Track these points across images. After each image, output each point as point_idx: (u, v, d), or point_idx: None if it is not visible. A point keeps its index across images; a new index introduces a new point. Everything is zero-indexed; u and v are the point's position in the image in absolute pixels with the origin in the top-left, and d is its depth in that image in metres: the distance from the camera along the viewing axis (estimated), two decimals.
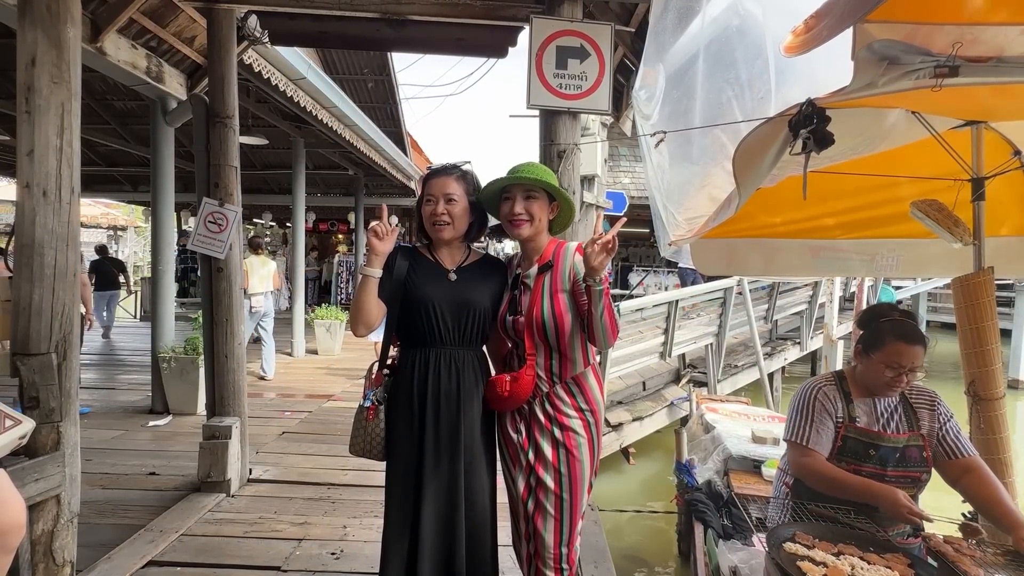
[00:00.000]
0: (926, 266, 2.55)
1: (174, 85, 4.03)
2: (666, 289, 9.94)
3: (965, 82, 1.02)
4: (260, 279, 5.45)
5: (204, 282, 3.06)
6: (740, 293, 6.12)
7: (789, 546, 1.43)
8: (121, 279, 8.67)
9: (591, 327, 1.54)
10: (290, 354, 7.21)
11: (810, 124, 1.13)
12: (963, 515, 1.87)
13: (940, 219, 1.81)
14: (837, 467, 1.69)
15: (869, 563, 1.37)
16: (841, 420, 1.73)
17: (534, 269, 1.66)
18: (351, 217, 10.99)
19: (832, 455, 1.72)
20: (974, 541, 1.62)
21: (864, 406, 1.74)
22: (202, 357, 4.05)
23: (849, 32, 1.00)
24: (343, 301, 10.98)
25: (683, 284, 8.88)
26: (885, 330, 1.69)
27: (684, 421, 4.90)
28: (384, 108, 9.58)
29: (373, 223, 1.59)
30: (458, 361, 1.65)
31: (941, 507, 1.66)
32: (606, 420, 4.72)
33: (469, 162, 1.72)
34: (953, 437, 1.67)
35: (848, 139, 1.46)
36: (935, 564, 1.44)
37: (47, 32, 1.76)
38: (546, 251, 1.67)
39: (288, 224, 12.16)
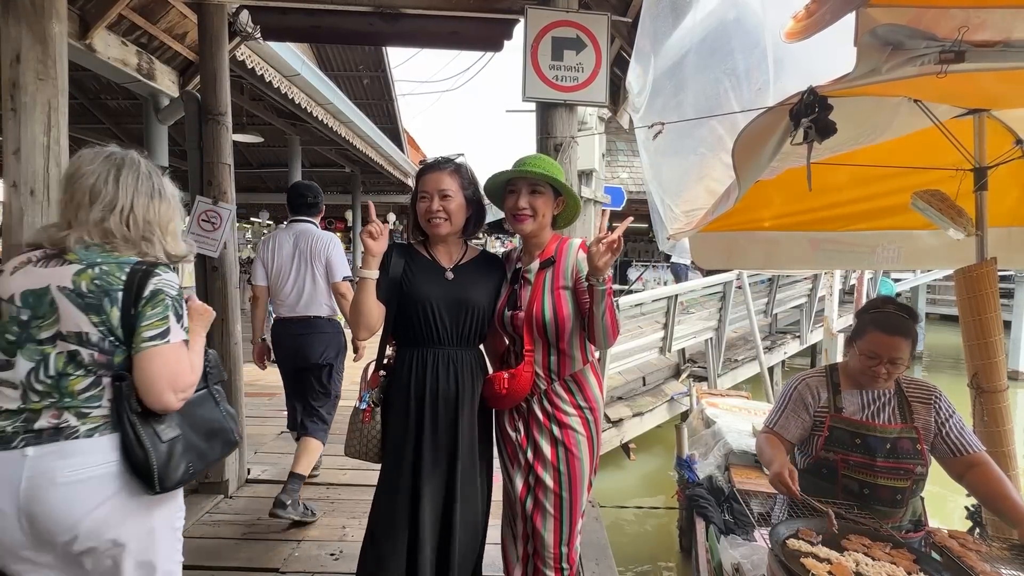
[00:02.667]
0: (928, 258, 2.53)
1: (166, 82, 3.98)
2: (665, 284, 9.92)
3: (971, 68, 1.00)
4: None
5: (199, 281, 3.03)
6: (740, 287, 6.10)
7: (792, 542, 1.41)
8: None
9: (591, 326, 1.51)
10: None
11: (812, 113, 1.10)
12: (966, 508, 1.86)
13: (942, 210, 1.79)
14: (775, 443, 1.76)
15: (874, 559, 1.35)
16: (826, 410, 1.76)
17: (535, 264, 1.63)
18: (348, 215, 10.94)
19: (820, 445, 1.75)
20: (977, 535, 1.61)
21: (852, 396, 1.75)
22: None
23: (851, 18, 0.98)
24: None
25: (677, 279, 8.86)
26: (866, 320, 1.73)
27: (684, 416, 4.89)
28: (380, 104, 9.52)
29: (367, 224, 1.56)
30: (456, 361, 1.62)
31: (945, 502, 1.64)
32: (606, 416, 4.70)
33: (462, 154, 1.68)
34: (957, 434, 1.65)
35: (850, 128, 1.44)
36: (940, 559, 1.42)
37: (31, 28, 1.73)
38: (548, 246, 1.64)
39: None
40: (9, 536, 1.06)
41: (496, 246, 16.48)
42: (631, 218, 1.53)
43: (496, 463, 1.72)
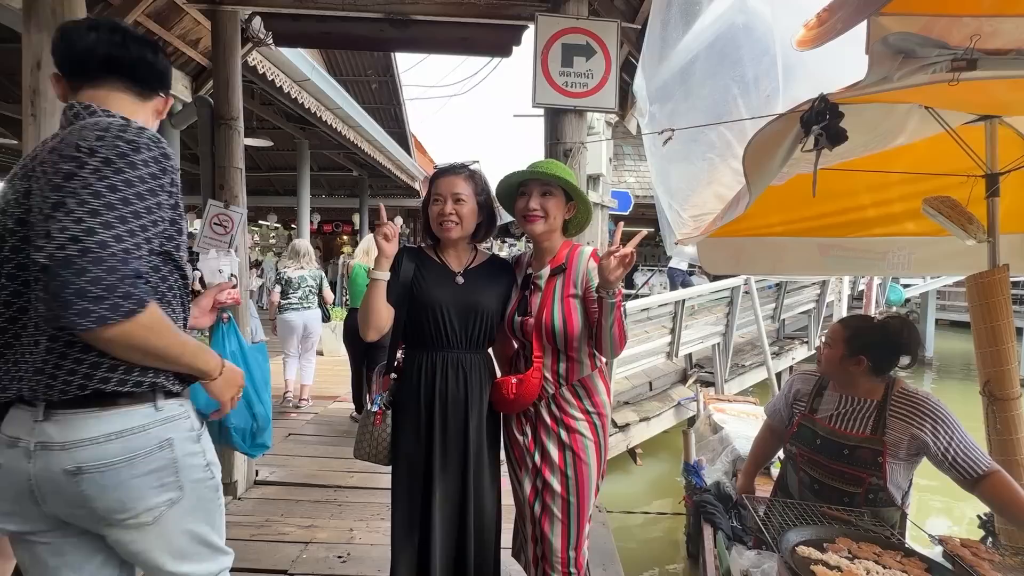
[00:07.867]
0: (939, 264, 2.52)
1: (179, 87, 4.03)
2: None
3: (983, 76, 1.00)
4: None
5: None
6: (747, 292, 6.08)
7: (802, 549, 1.40)
8: None
9: (599, 337, 1.52)
10: None
11: (823, 120, 1.11)
12: (978, 517, 1.84)
13: (953, 216, 1.78)
14: (762, 442, 2.10)
15: (885, 567, 1.34)
16: (803, 406, 1.87)
17: (546, 270, 1.64)
18: (355, 218, 11.01)
19: (787, 438, 1.91)
20: (990, 544, 1.59)
21: (832, 398, 1.82)
22: None
23: (861, 26, 0.98)
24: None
25: (672, 285, 8.83)
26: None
27: (691, 421, 4.87)
28: (388, 109, 9.58)
29: (381, 225, 1.56)
30: (465, 365, 1.63)
31: (955, 510, 1.62)
32: (613, 421, 4.69)
33: (477, 162, 1.69)
34: (964, 458, 1.59)
35: (861, 135, 1.44)
36: (951, 568, 1.41)
37: (52, 35, 1.76)
38: (559, 253, 1.64)
39: (293, 225, 12.20)
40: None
41: (503, 248, 16.49)
42: (645, 231, 1.53)
43: (504, 467, 1.73)
